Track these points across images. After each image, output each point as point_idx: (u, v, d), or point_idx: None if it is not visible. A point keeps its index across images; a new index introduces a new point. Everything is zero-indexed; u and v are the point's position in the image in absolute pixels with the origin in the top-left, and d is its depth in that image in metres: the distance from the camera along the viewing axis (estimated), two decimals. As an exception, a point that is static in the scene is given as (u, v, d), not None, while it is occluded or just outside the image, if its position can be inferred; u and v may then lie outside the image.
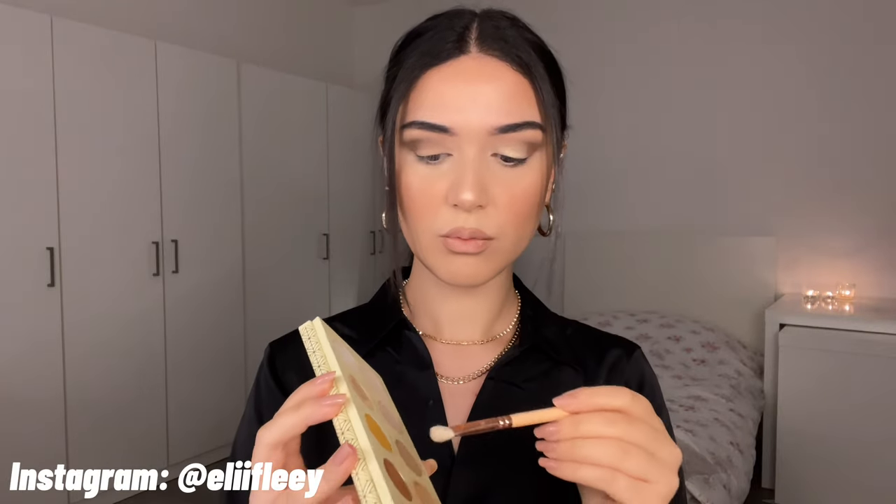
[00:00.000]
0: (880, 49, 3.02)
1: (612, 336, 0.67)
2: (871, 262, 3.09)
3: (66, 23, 2.60)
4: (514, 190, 0.53)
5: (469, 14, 0.55)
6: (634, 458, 0.40)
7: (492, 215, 0.52)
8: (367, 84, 4.54)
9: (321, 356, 0.42)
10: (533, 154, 0.54)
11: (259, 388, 0.63)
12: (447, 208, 0.52)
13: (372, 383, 0.47)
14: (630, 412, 0.42)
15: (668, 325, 3.24)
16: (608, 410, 0.41)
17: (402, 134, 0.54)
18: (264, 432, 0.40)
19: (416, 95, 0.53)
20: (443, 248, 0.54)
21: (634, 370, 0.63)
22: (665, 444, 0.42)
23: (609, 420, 0.41)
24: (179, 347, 3.09)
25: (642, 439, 0.41)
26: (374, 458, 0.37)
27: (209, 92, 3.18)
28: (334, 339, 0.44)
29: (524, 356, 0.61)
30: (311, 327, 0.44)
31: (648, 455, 0.41)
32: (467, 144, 0.52)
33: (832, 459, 2.60)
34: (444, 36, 0.53)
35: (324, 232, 3.86)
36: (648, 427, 0.42)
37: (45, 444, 2.57)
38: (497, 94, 0.51)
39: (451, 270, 0.54)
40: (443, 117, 0.51)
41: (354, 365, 0.45)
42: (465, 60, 0.53)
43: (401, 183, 0.55)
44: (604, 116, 3.59)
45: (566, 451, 0.41)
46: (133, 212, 2.86)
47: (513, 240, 0.55)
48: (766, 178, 3.29)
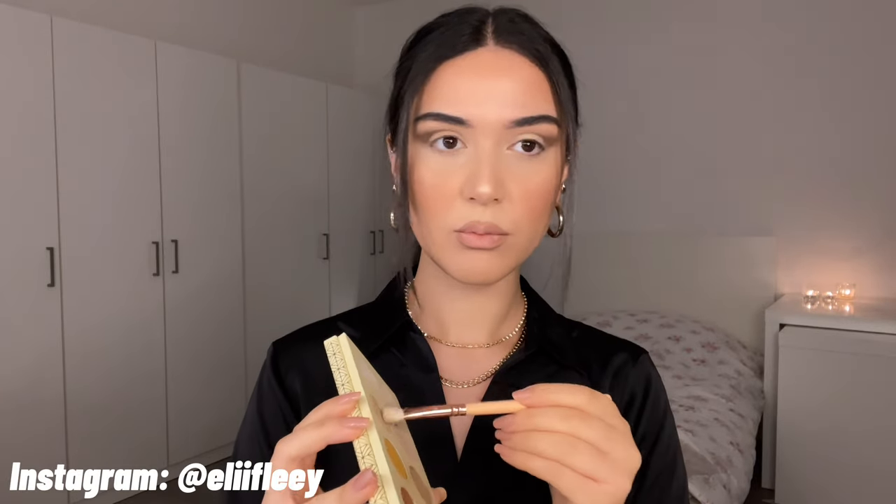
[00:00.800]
0: (881, 49, 3.02)
1: (619, 340, 0.66)
2: (871, 263, 3.09)
3: (66, 23, 2.60)
4: (530, 184, 0.52)
5: (482, 10, 0.55)
6: (582, 454, 0.41)
7: (507, 210, 0.52)
8: (367, 84, 4.54)
9: (345, 374, 0.42)
10: (548, 148, 0.53)
11: (261, 388, 0.63)
12: (462, 202, 0.52)
13: (388, 403, 0.47)
14: (586, 410, 0.42)
15: (668, 325, 3.24)
16: (565, 407, 0.42)
17: (416, 127, 0.53)
18: (284, 445, 0.41)
19: (430, 88, 0.52)
20: (457, 244, 0.53)
21: (640, 375, 0.63)
22: (622, 445, 0.42)
23: (562, 416, 0.42)
24: (179, 347, 3.09)
25: (594, 437, 0.41)
26: (393, 486, 0.37)
27: (209, 92, 3.18)
28: (358, 357, 0.44)
29: (529, 360, 0.60)
30: (337, 343, 0.44)
31: (599, 454, 0.41)
32: (483, 137, 0.51)
33: (832, 459, 2.60)
34: (460, 30, 0.53)
35: (324, 232, 3.86)
36: (604, 426, 0.42)
37: (45, 443, 2.57)
38: (514, 87, 0.51)
39: (464, 267, 0.53)
40: (459, 109, 0.51)
41: (374, 383, 0.45)
42: (482, 53, 0.52)
43: (413, 178, 0.54)
44: (604, 116, 3.59)
45: (519, 441, 0.42)
46: (133, 212, 2.86)
47: (528, 235, 0.54)
48: (766, 178, 3.29)
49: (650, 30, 3.55)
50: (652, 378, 0.63)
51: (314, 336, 0.64)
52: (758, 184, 3.31)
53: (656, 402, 0.62)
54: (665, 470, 0.60)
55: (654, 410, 0.61)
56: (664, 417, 0.62)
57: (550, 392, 0.43)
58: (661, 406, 0.62)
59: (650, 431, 0.60)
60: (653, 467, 0.59)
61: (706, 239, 3.40)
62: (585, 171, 2.36)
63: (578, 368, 0.61)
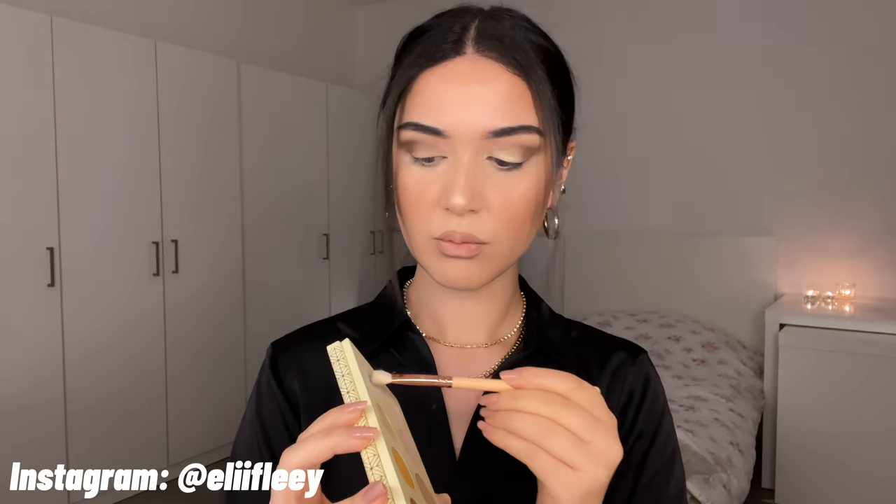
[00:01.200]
0: (881, 49, 3.02)
1: (618, 339, 0.66)
2: (871, 263, 3.09)
3: (66, 23, 2.60)
4: (510, 195, 0.52)
5: (471, 12, 0.54)
6: (561, 439, 0.41)
7: (485, 220, 0.51)
8: (367, 84, 4.54)
9: (350, 381, 0.42)
10: (530, 158, 0.52)
11: (260, 389, 0.63)
12: (440, 211, 0.52)
13: (392, 409, 0.47)
14: (571, 398, 0.43)
15: (668, 325, 3.24)
16: (551, 392, 0.43)
17: (399, 135, 0.53)
18: (290, 455, 0.40)
19: (412, 96, 0.52)
20: (437, 251, 0.53)
21: (638, 374, 0.62)
22: (604, 436, 0.42)
23: (546, 400, 0.42)
24: (179, 347, 3.09)
25: (575, 425, 0.42)
26: (403, 498, 0.37)
27: (209, 92, 3.18)
28: (361, 362, 0.44)
29: (527, 360, 0.60)
30: (341, 349, 0.43)
31: (578, 441, 0.41)
32: (461, 147, 0.50)
33: (832, 459, 2.60)
34: (444, 36, 0.52)
35: (324, 232, 3.86)
36: (587, 415, 0.42)
37: (45, 443, 2.57)
38: (492, 96, 0.50)
39: (444, 274, 0.54)
40: (437, 119, 0.50)
41: (378, 390, 0.45)
42: (460, 62, 0.51)
43: (397, 183, 0.54)
44: (604, 116, 3.59)
45: (501, 419, 0.43)
46: (133, 212, 2.86)
47: (508, 245, 0.53)
48: (766, 178, 3.29)
49: (651, 30, 3.55)
50: (650, 377, 0.63)
51: (313, 336, 0.64)
52: (758, 184, 3.31)
53: (654, 401, 0.62)
54: (662, 469, 0.60)
55: (652, 409, 0.61)
56: (662, 416, 0.62)
57: (538, 376, 0.43)
58: (659, 405, 0.62)
59: (647, 430, 0.60)
60: (649, 466, 0.59)
61: (706, 239, 3.40)
62: (585, 171, 2.38)
63: (577, 368, 0.61)
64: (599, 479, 0.42)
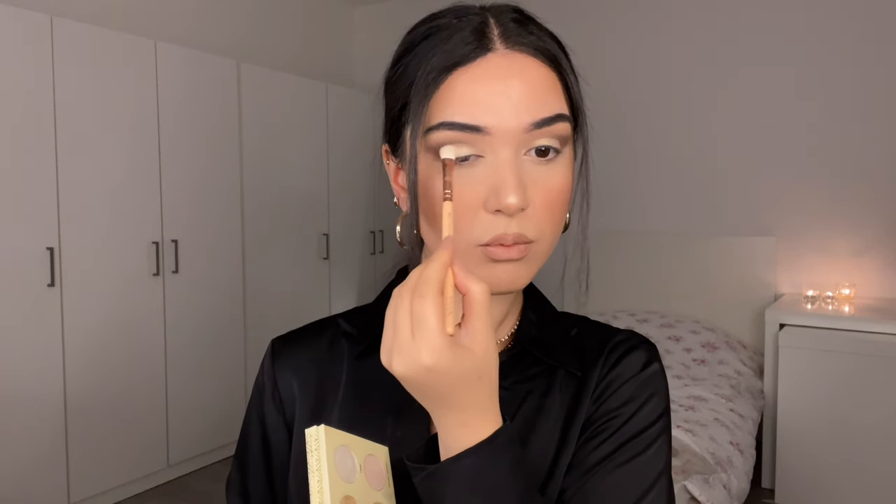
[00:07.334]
0: (881, 49, 3.02)
1: (623, 330, 0.64)
2: (871, 262, 3.09)
3: (66, 23, 2.60)
4: (549, 188, 0.51)
5: (475, 9, 0.53)
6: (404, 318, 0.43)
7: (531, 217, 0.51)
8: (367, 84, 4.54)
9: (318, 480, 0.43)
10: (563, 148, 0.52)
11: (258, 384, 0.64)
12: (486, 215, 0.50)
13: (367, 486, 0.46)
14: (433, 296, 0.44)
15: (668, 325, 3.24)
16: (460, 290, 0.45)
17: (426, 139, 0.50)
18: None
19: (441, 97, 0.50)
20: (482, 258, 0.51)
21: (638, 358, 0.60)
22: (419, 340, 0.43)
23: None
24: (179, 347, 3.09)
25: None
26: None
27: (209, 92, 3.18)
28: (339, 446, 0.44)
29: (516, 359, 0.59)
30: (317, 436, 0.43)
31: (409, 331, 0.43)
32: (502, 145, 0.49)
33: (832, 459, 2.60)
34: (462, 36, 0.51)
35: (324, 232, 3.86)
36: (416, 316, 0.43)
37: (45, 443, 2.57)
38: (528, 89, 0.50)
39: (490, 281, 0.51)
40: (475, 117, 0.49)
41: (355, 470, 0.44)
42: (492, 58, 0.50)
43: (427, 193, 0.51)
44: (603, 116, 3.58)
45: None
46: (133, 212, 2.86)
47: (550, 241, 0.53)
48: (766, 179, 3.30)
49: (652, 30, 3.55)
50: (651, 365, 0.60)
51: (314, 334, 0.64)
52: (758, 184, 3.31)
53: (642, 388, 0.58)
54: (630, 481, 0.54)
55: (638, 391, 0.58)
56: (655, 422, 0.57)
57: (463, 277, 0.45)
58: (650, 399, 0.58)
59: (621, 410, 0.57)
60: (596, 451, 0.55)
61: (706, 239, 3.40)
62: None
63: (569, 368, 0.59)
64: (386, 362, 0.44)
